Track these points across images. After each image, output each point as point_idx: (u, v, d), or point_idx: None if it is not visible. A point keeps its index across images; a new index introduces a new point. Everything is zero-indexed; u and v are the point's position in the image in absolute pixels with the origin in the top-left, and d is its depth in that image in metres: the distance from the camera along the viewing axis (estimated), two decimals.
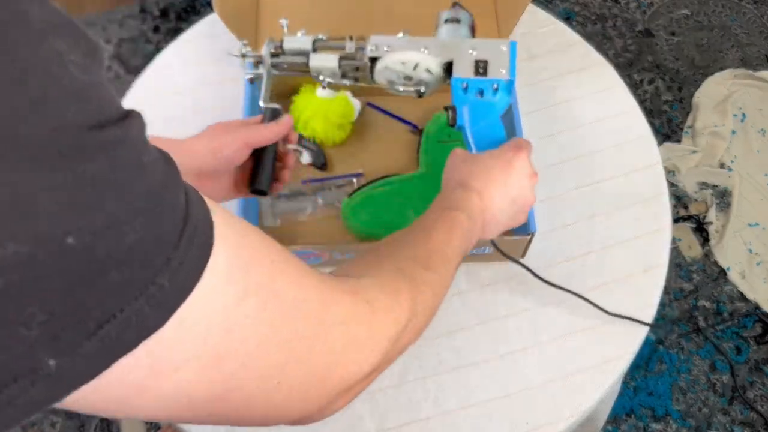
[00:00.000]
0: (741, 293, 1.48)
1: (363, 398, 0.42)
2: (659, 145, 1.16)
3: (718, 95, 1.72)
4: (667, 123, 1.71)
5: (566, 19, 1.86)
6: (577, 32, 1.01)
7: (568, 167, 0.89)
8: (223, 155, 0.63)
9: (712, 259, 1.52)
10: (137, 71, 1.00)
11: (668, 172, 1.59)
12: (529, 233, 0.74)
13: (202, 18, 1.02)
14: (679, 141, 1.68)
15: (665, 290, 0.81)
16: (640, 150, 0.90)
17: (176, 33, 1.03)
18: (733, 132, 1.66)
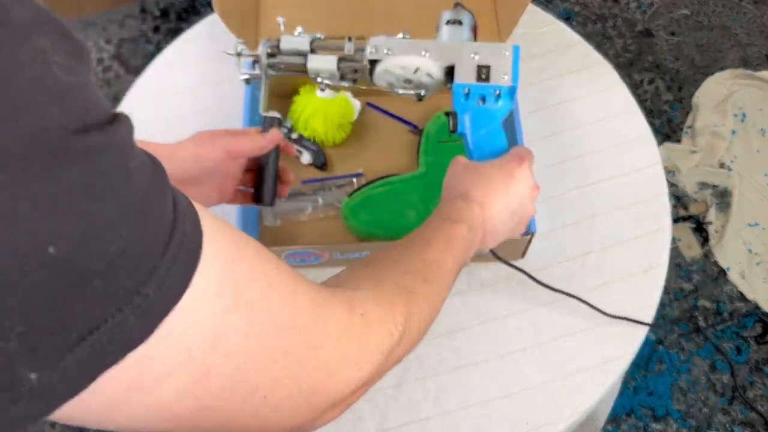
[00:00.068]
0: (741, 293, 1.48)
1: (363, 398, 0.42)
2: (659, 145, 1.16)
3: (718, 95, 1.71)
4: (667, 123, 1.71)
5: (566, 19, 1.86)
6: (577, 32, 1.01)
7: (568, 167, 0.89)
8: (205, 163, 0.63)
9: (712, 259, 1.52)
10: (137, 71, 1.00)
11: (668, 172, 1.59)
12: (529, 233, 0.75)
13: (202, 18, 1.02)
14: (679, 141, 1.68)
15: (665, 290, 0.81)
16: (640, 150, 0.90)
17: (176, 33, 1.03)
18: (733, 132, 1.66)
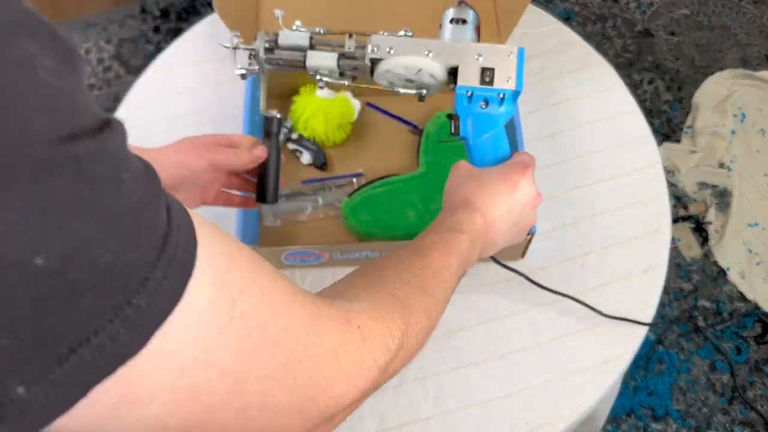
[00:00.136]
0: (741, 293, 1.48)
1: None
2: (659, 145, 1.16)
3: (718, 95, 1.72)
4: (667, 123, 1.71)
5: (566, 19, 1.86)
6: (577, 32, 1.01)
7: (568, 167, 0.89)
8: (187, 173, 0.63)
9: (712, 259, 1.52)
10: (137, 71, 1.00)
11: (668, 172, 1.60)
12: (529, 234, 0.75)
13: (203, 18, 1.02)
14: (679, 141, 1.68)
15: (665, 290, 0.81)
16: (640, 150, 0.90)
17: (176, 33, 1.03)
18: (733, 132, 1.66)
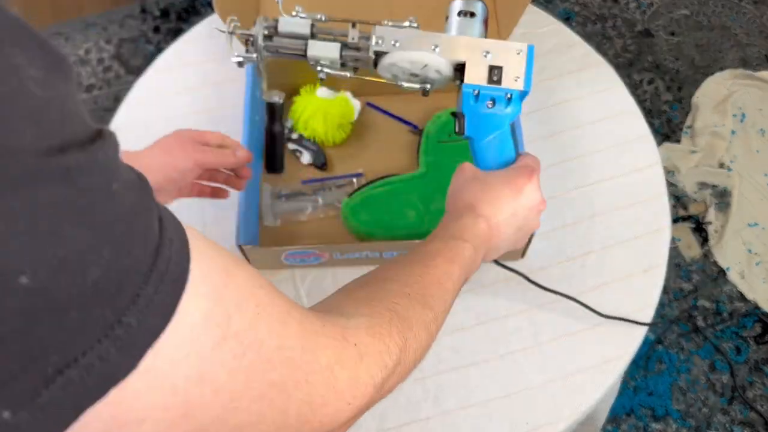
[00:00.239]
0: (740, 293, 1.48)
1: None
2: (659, 145, 1.16)
3: (718, 95, 1.72)
4: (667, 123, 1.71)
5: (566, 19, 1.86)
6: (577, 32, 1.01)
7: (568, 167, 0.89)
8: (174, 173, 0.63)
9: (712, 259, 1.52)
10: (137, 71, 1.00)
11: (668, 172, 1.60)
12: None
13: (203, 18, 1.02)
14: (679, 141, 1.68)
15: (664, 290, 0.81)
16: (640, 150, 0.90)
17: (177, 33, 1.03)
18: (733, 132, 1.66)
